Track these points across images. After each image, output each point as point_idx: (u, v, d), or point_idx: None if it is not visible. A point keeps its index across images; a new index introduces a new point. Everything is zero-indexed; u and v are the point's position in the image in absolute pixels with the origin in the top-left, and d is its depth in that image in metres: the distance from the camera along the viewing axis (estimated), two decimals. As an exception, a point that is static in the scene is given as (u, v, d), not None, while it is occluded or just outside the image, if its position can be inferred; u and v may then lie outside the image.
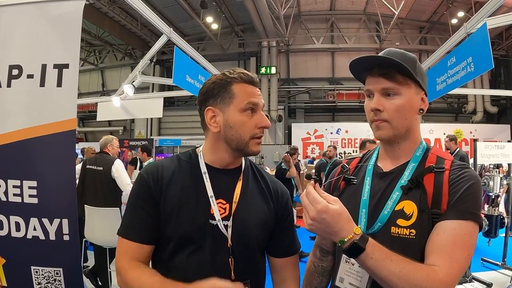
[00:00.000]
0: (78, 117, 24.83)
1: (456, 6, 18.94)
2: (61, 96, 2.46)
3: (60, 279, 2.50)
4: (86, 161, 6.00)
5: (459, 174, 1.37)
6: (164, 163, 1.69)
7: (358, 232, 1.23)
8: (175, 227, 1.56)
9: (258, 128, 1.61)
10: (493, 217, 6.66)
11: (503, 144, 6.94)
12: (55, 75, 2.45)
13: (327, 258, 1.71)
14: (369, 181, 1.53)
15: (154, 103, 8.66)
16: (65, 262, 2.51)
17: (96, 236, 5.19)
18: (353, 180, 1.59)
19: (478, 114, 21.78)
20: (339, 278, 1.52)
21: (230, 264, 1.56)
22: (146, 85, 20.89)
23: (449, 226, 1.28)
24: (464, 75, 4.82)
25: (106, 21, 19.22)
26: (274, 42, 21.76)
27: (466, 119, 22.39)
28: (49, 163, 2.47)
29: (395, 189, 1.43)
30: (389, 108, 1.42)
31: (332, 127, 21.40)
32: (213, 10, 19.55)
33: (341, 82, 22.77)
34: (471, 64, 4.64)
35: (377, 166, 1.57)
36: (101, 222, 5.05)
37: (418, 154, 1.49)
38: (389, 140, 1.48)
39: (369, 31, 22.61)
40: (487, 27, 4.28)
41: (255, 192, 1.71)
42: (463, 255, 1.27)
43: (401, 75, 1.41)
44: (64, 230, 2.45)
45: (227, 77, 1.60)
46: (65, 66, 2.47)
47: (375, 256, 1.22)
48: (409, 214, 1.36)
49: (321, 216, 1.23)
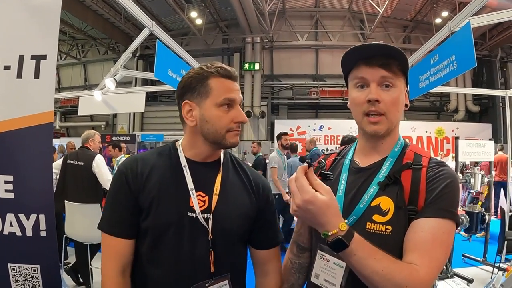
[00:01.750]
0: (60, 112, 24.73)
1: (441, 6, 19.18)
2: (39, 88, 2.39)
3: (38, 276, 2.45)
4: (67, 156, 5.92)
5: (437, 171, 1.36)
6: (144, 157, 1.69)
7: (344, 228, 1.20)
8: (154, 219, 1.56)
9: (235, 122, 1.61)
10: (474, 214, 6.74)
11: (484, 142, 7.03)
12: (33, 67, 2.38)
13: (303, 254, 1.69)
14: (345, 177, 1.52)
15: (136, 97, 8.58)
16: (43, 259, 2.46)
17: (77, 232, 5.13)
18: (330, 175, 1.55)
19: (460, 113, 22.15)
20: (315, 274, 1.51)
21: (210, 256, 1.56)
22: (128, 79, 20.80)
23: (428, 225, 1.27)
24: (447, 73, 4.84)
25: (89, 14, 19.05)
26: (258, 38, 21.83)
27: (448, 117, 22.74)
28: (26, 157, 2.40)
29: (372, 184, 1.42)
30: (386, 99, 1.39)
31: (315, 124, 21.49)
32: (198, 5, 19.51)
33: (325, 79, 22.92)
34: (454, 62, 4.65)
35: (353, 161, 1.55)
36: (82, 218, 4.99)
37: (396, 150, 1.48)
38: (382, 135, 1.45)
39: (353, 29, 22.80)
40: (470, 25, 4.29)
41: (236, 185, 1.71)
42: (442, 253, 1.27)
43: (397, 68, 1.40)
44: (41, 226, 2.39)
45: (204, 71, 1.61)
46: (43, 57, 2.40)
47: (359, 254, 1.20)
48: (386, 210, 1.35)
49: (306, 206, 1.21)
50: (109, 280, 1.59)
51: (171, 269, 1.54)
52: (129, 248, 1.60)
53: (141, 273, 1.61)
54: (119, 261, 1.59)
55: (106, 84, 7.15)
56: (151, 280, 1.57)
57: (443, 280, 4.22)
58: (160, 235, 1.56)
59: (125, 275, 1.61)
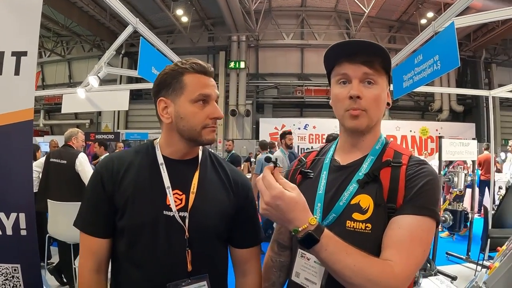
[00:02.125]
0: (44, 110, 24.48)
1: (426, 7, 19.37)
2: (19, 85, 2.36)
3: (18, 275, 2.41)
4: (50, 154, 5.86)
5: (416, 169, 1.35)
6: (120, 155, 1.68)
7: (313, 223, 1.19)
8: (129, 218, 1.55)
9: (210, 119, 1.59)
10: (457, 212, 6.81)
11: (467, 141, 7.10)
12: (13, 63, 2.35)
13: (284, 253, 1.69)
14: (326, 175, 1.51)
15: (120, 95, 8.51)
16: (23, 258, 2.42)
17: (60, 232, 5.06)
18: (310, 173, 1.57)
19: (444, 113, 22.42)
20: (295, 273, 1.50)
21: (187, 255, 1.55)
22: (113, 77, 20.66)
23: (406, 222, 1.27)
24: (431, 72, 4.87)
25: (74, 11, 18.86)
26: (244, 36, 21.85)
27: (433, 117, 23.02)
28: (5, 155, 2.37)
29: (352, 182, 1.41)
30: (368, 96, 1.39)
31: (300, 123, 21.58)
32: (184, 2, 19.45)
33: (310, 78, 22.99)
34: (437, 62, 4.69)
35: (334, 159, 1.54)
36: (65, 217, 4.92)
37: (377, 148, 1.47)
38: (362, 131, 1.45)
39: (339, 29, 22.89)
40: (454, 26, 4.32)
41: (214, 183, 1.69)
42: (419, 251, 1.26)
43: (379, 65, 1.39)
44: (21, 225, 2.36)
45: (179, 67, 1.59)
46: (23, 53, 2.36)
47: (330, 249, 1.19)
48: (365, 208, 1.34)
49: (275, 202, 1.19)
50: (83, 277, 1.60)
51: (148, 268, 1.53)
52: (104, 247, 1.60)
53: (119, 272, 1.60)
54: (94, 259, 1.59)
55: (89, 82, 7.09)
56: (129, 279, 1.56)
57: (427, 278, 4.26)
58: (136, 234, 1.54)
59: (100, 273, 1.61)
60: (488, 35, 20.05)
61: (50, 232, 5.12)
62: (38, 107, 24.35)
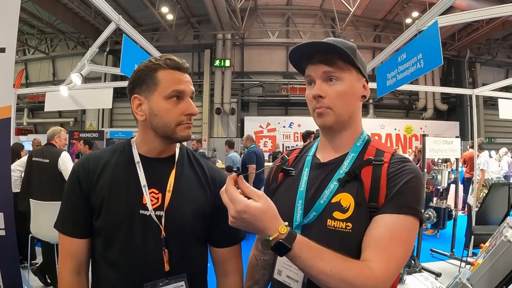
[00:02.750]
0: (27, 108, 24.23)
1: (411, 6, 19.55)
2: (-3, 82, 2.33)
3: (-3, 276, 2.39)
4: (32, 153, 5.80)
5: (398, 167, 1.34)
6: (97, 155, 1.67)
7: (284, 231, 1.18)
8: (105, 218, 1.53)
9: (185, 115, 1.57)
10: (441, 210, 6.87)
11: (451, 139, 7.15)
12: (-9, 60, 2.32)
13: (268, 251, 1.65)
14: (307, 172, 1.50)
15: (103, 93, 8.42)
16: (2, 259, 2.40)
17: (43, 232, 5.02)
18: (291, 171, 1.56)
19: (429, 111, 22.64)
20: (277, 271, 1.50)
21: (164, 255, 1.53)
22: (98, 75, 20.61)
23: (387, 220, 1.26)
24: (414, 71, 4.89)
25: (58, 7, 18.63)
26: (229, 35, 21.78)
27: (417, 115, 23.24)
28: (-17, 153, 2.34)
29: (333, 179, 1.40)
30: (331, 94, 1.39)
31: (285, 121, 21.67)
32: (169, 0, 19.33)
33: (295, 77, 23.02)
34: (421, 60, 4.71)
35: (315, 157, 1.54)
36: (48, 217, 4.88)
37: (359, 145, 1.46)
38: (332, 129, 1.45)
39: (325, 27, 22.95)
40: (438, 25, 4.34)
41: (191, 181, 1.68)
42: (401, 250, 1.24)
43: (341, 61, 1.39)
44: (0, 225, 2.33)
45: (152, 63, 1.57)
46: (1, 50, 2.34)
47: (304, 255, 1.18)
48: (346, 207, 1.33)
49: (241, 216, 1.17)
50: (63, 279, 1.59)
51: (125, 268, 1.52)
52: (83, 247, 1.59)
53: (97, 272, 1.59)
54: (73, 260, 1.58)
55: (72, 79, 7.01)
56: (107, 279, 1.55)
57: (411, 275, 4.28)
58: (112, 233, 1.53)
59: (80, 274, 1.60)
60: (473, 35, 20.29)
61: (32, 232, 5.08)
62: (22, 105, 24.13)
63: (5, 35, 2.36)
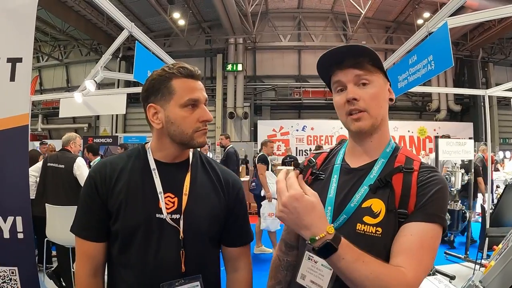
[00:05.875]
0: (41, 114, 24.42)
1: (422, 7, 19.39)
2: (14, 90, 2.40)
3: (16, 278, 2.45)
4: (47, 159, 5.88)
5: (428, 176, 1.36)
6: (113, 160, 1.70)
7: (331, 232, 1.18)
8: (122, 223, 1.57)
9: (201, 122, 1.61)
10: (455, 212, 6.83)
11: (464, 141, 7.13)
12: (8, 69, 2.39)
13: (292, 252, 1.69)
14: (336, 179, 1.50)
15: (117, 99, 8.51)
16: (21, 261, 2.46)
17: (58, 235, 5.09)
18: (321, 175, 1.57)
19: (442, 112, 22.42)
20: (301, 275, 1.49)
21: (181, 257, 1.58)
22: (111, 81, 20.69)
23: (417, 229, 1.28)
24: (425, 73, 4.89)
25: (71, 15, 18.83)
26: (241, 39, 21.82)
27: (430, 117, 23.02)
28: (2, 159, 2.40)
29: (363, 184, 1.42)
30: (365, 96, 1.40)
31: (298, 124, 21.53)
32: (180, 6, 19.42)
33: (307, 80, 22.99)
34: (431, 62, 4.70)
35: (344, 162, 1.55)
36: (63, 221, 4.94)
37: (388, 151, 1.48)
38: (366, 133, 1.45)
39: (336, 30, 22.88)
40: (447, 26, 4.34)
41: (205, 184, 1.72)
42: (429, 257, 1.28)
43: (370, 65, 1.41)
44: (18, 228, 2.40)
45: (166, 72, 1.60)
46: (18, 60, 2.41)
47: (347, 257, 1.18)
48: (377, 212, 1.35)
49: (292, 203, 1.18)
50: (80, 281, 1.64)
51: (142, 270, 1.56)
52: (99, 250, 1.63)
53: (114, 275, 1.64)
54: (90, 263, 1.63)
55: (86, 86, 7.11)
56: (122, 281, 1.59)
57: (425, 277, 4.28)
58: (129, 238, 1.57)
59: (97, 276, 1.65)
60: (485, 34, 20.09)
61: (48, 236, 5.14)
62: (36, 111, 24.33)
63: (22, 45, 2.44)
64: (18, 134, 2.42)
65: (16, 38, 2.44)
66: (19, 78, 2.40)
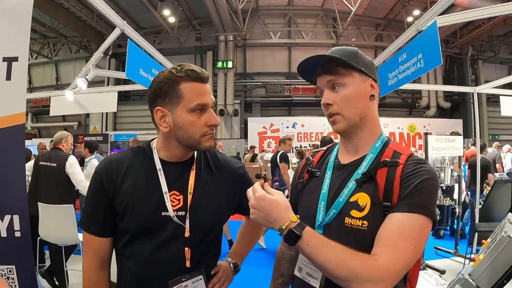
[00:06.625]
0: (31, 112, 24.24)
1: (412, 5, 19.54)
2: (10, 89, 2.40)
3: (13, 276, 2.45)
4: (39, 157, 5.85)
5: (413, 168, 1.37)
6: (119, 158, 1.70)
7: (294, 220, 1.28)
8: (130, 220, 1.59)
9: (208, 126, 1.61)
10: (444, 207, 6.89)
11: (453, 137, 7.16)
12: (4, 69, 2.39)
13: None
14: (329, 175, 1.55)
15: (108, 97, 8.43)
16: (18, 259, 2.46)
17: (51, 234, 5.08)
18: (316, 172, 1.62)
19: (432, 109, 22.61)
20: (298, 268, 1.56)
21: (187, 254, 1.61)
22: (101, 79, 20.57)
23: (397, 218, 1.29)
24: (415, 70, 4.92)
25: (61, 12, 18.73)
26: (231, 36, 21.87)
27: (420, 113, 23.21)
28: (-1, 158, 2.41)
29: (351, 179, 1.45)
30: (337, 100, 1.45)
31: (288, 121, 21.69)
32: (171, 3, 19.40)
33: (298, 77, 22.93)
34: (421, 60, 4.74)
35: (337, 159, 1.59)
36: (56, 219, 4.94)
37: (377, 146, 1.50)
38: (346, 132, 1.50)
39: (326, 27, 22.99)
40: (437, 25, 4.37)
41: (210, 180, 1.74)
42: (409, 247, 1.26)
43: (341, 67, 1.45)
44: (16, 227, 2.40)
45: (174, 75, 1.58)
46: (14, 59, 2.40)
47: (312, 243, 1.26)
48: (363, 205, 1.38)
49: (259, 203, 1.31)
50: (87, 272, 1.69)
51: (148, 266, 1.59)
52: (106, 245, 1.68)
53: (122, 270, 1.67)
54: (96, 256, 1.68)
55: (77, 84, 7.06)
56: (132, 277, 1.63)
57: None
58: (136, 234, 1.60)
59: (103, 268, 1.70)
60: (474, 32, 20.29)
61: (41, 235, 5.11)
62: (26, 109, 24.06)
63: (18, 44, 2.43)
64: (14, 133, 2.41)
65: (12, 37, 2.43)
66: (15, 77, 2.40)
